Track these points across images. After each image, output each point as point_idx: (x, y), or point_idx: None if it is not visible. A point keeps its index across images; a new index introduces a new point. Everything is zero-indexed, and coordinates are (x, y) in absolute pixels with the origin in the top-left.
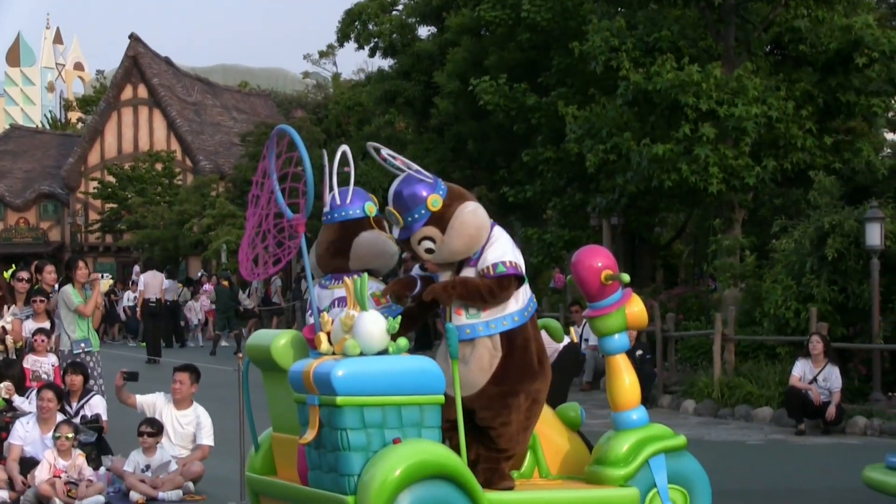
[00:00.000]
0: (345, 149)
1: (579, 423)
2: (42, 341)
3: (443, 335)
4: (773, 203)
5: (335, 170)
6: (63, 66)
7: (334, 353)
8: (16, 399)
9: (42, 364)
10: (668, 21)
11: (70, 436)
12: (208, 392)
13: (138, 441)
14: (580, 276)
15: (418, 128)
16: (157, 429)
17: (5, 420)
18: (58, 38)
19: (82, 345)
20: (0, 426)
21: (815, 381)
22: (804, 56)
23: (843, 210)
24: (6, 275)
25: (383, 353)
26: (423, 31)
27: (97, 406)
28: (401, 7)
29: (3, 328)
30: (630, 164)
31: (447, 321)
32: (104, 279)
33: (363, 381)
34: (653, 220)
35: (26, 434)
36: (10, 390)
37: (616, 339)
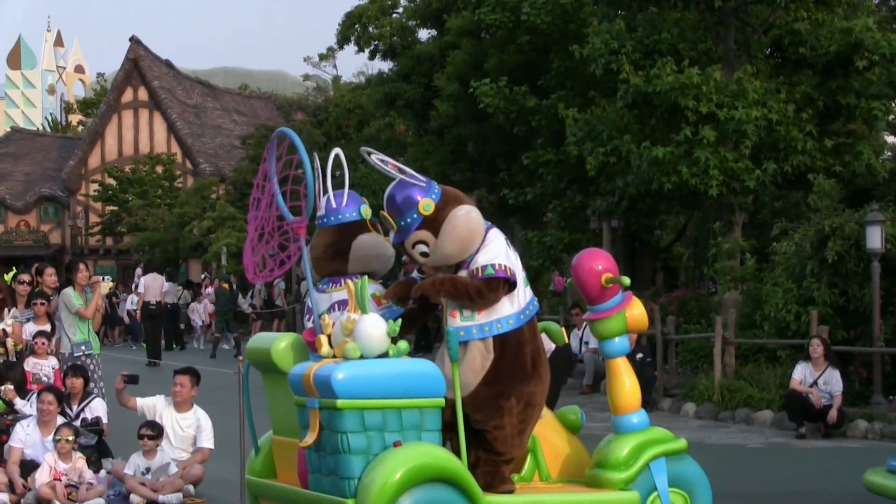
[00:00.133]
0: (338, 152)
1: (580, 426)
2: (42, 344)
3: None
4: (773, 206)
5: (329, 173)
6: (64, 68)
7: (335, 356)
8: (16, 402)
9: (42, 367)
10: (668, 24)
11: (70, 438)
12: (208, 395)
13: (138, 444)
14: (580, 279)
15: (418, 130)
16: (157, 432)
17: (6, 423)
18: (58, 41)
19: (83, 347)
20: (0, 429)
21: (816, 384)
22: (804, 59)
23: (844, 213)
24: (7, 277)
25: (384, 356)
26: (423, 34)
27: (97, 409)
28: (401, 10)
29: (3, 331)
30: (630, 167)
31: (445, 324)
32: (104, 282)
33: (363, 384)
34: (653, 222)
35: (27, 437)
36: (10, 393)
37: (616, 343)
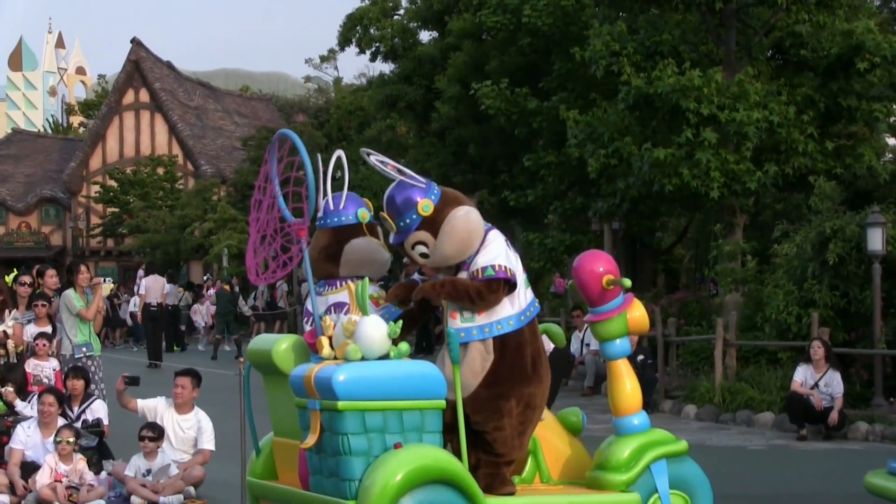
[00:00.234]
0: (340, 154)
1: (580, 428)
2: (43, 345)
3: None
4: (774, 208)
5: (329, 174)
6: (65, 70)
7: (336, 358)
8: (17, 404)
9: (43, 368)
10: (670, 25)
11: (71, 440)
12: (209, 396)
13: (139, 445)
14: (581, 280)
15: (419, 132)
16: (158, 433)
17: (6, 424)
18: (60, 43)
19: (84, 349)
20: (1, 430)
21: (817, 386)
22: (805, 61)
23: (845, 215)
24: (8, 279)
25: (384, 357)
26: (425, 36)
27: (98, 410)
28: (402, 11)
29: (4, 332)
30: (631, 169)
31: (445, 325)
32: (105, 283)
33: (364, 386)
34: (654, 224)
35: (27, 438)
36: (10, 395)
37: (617, 344)
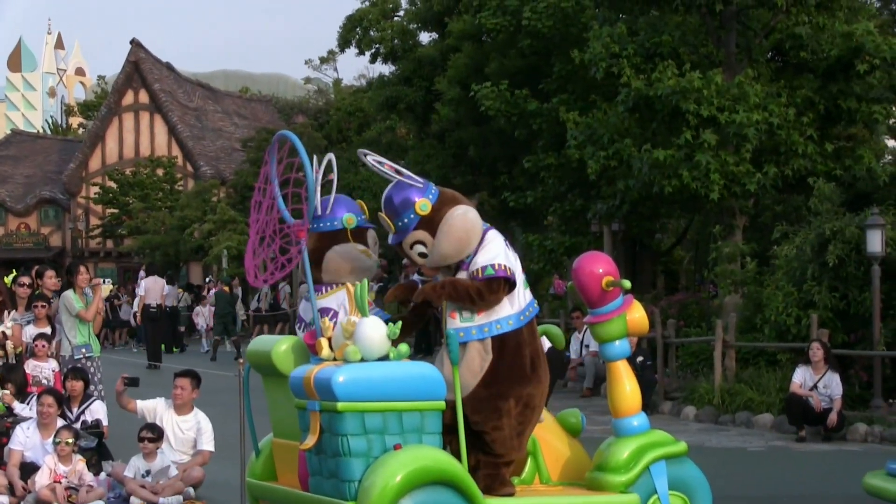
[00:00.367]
0: (331, 157)
1: (580, 429)
2: (43, 346)
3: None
4: (774, 209)
5: (320, 177)
6: (64, 71)
7: (335, 359)
8: (15, 405)
9: (42, 369)
10: (670, 27)
11: (70, 441)
12: (209, 397)
13: (139, 446)
14: (581, 282)
15: (419, 134)
16: (157, 434)
17: (6, 425)
18: (59, 44)
19: (83, 350)
20: (0, 431)
21: (816, 387)
22: (805, 63)
23: (844, 217)
24: (7, 280)
25: (384, 358)
26: (425, 37)
27: (98, 411)
28: (402, 13)
29: (3, 333)
30: (631, 171)
31: (444, 326)
32: (105, 284)
33: (364, 387)
34: (654, 226)
35: (27, 439)
36: (8, 397)
37: (617, 346)
